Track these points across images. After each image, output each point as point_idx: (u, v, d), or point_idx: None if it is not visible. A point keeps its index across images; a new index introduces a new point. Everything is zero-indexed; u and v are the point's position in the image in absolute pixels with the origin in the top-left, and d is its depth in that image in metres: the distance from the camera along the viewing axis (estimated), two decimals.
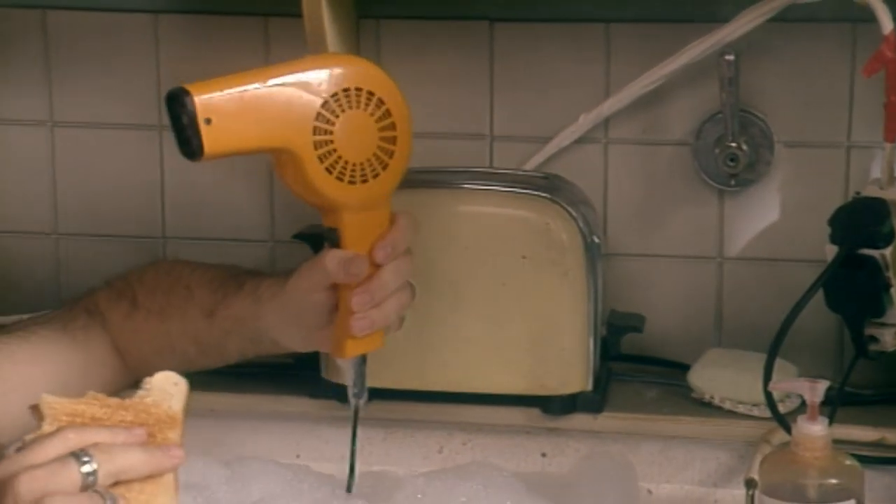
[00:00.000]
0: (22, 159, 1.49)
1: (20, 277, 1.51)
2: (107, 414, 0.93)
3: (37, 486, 0.82)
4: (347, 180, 1.08)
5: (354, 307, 1.10)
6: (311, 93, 1.06)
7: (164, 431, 0.93)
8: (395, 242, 1.11)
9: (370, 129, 1.09)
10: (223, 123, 1.03)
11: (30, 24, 1.46)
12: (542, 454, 1.26)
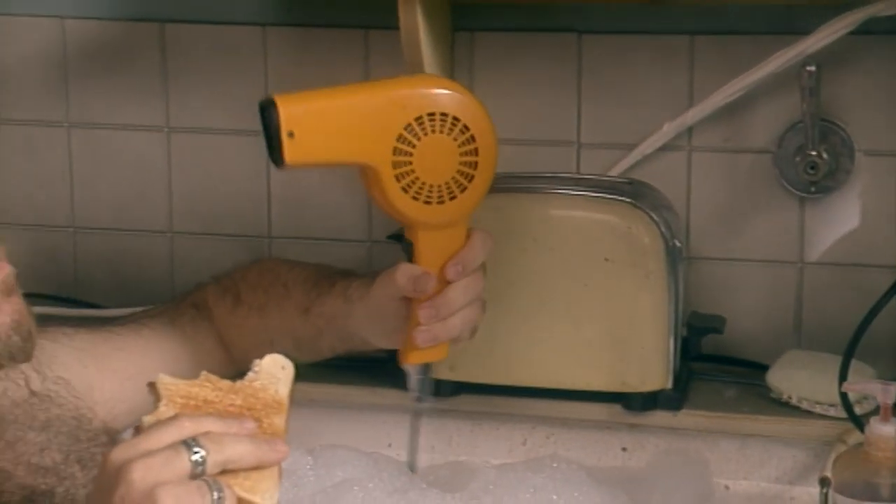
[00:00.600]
0: (140, 162, 1.51)
1: (137, 273, 1.53)
2: (218, 397, 0.92)
3: (149, 475, 0.81)
4: (423, 200, 1.07)
5: (420, 320, 1.10)
6: (395, 114, 1.06)
7: (271, 416, 0.92)
8: (466, 261, 1.10)
9: (451, 153, 1.07)
10: (305, 137, 1.03)
11: (149, 37, 1.48)
12: (622, 449, 1.27)
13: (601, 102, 1.39)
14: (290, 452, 1.11)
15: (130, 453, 0.82)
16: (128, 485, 0.80)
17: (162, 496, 0.79)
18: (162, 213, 1.52)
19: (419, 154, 1.06)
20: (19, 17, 1.51)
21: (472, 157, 1.08)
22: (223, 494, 0.82)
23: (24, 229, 1.55)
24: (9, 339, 0.97)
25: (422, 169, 1.07)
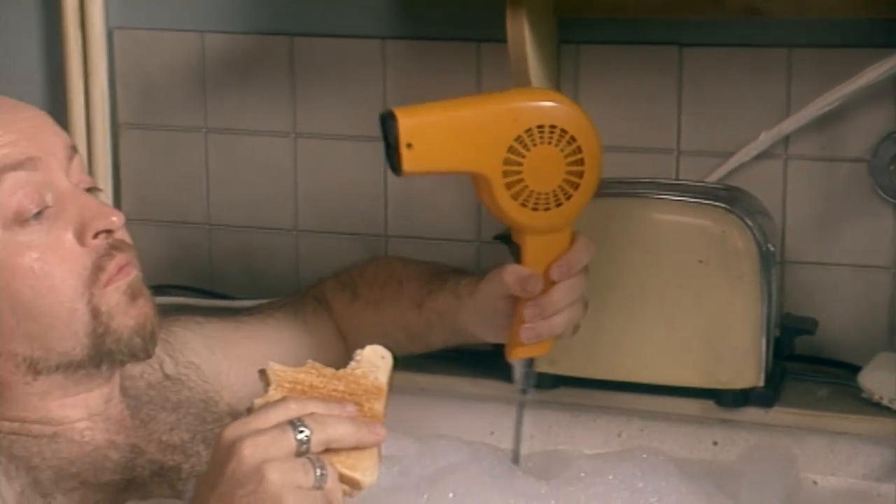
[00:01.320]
0: (269, 165, 1.54)
1: (266, 267, 1.55)
2: (322, 383, 0.93)
3: (258, 451, 0.83)
4: (531, 207, 1.08)
5: (525, 318, 1.10)
6: (507, 126, 1.06)
7: (371, 401, 0.93)
8: (570, 263, 1.10)
9: (559, 163, 1.08)
10: (422, 148, 1.05)
11: (279, 49, 1.50)
12: (713, 442, 1.26)
13: (700, 112, 1.38)
14: (397, 440, 1.13)
15: (241, 431, 0.84)
16: (238, 460, 0.82)
17: (269, 472, 0.81)
18: (288, 212, 1.54)
19: (528, 164, 1.07)
20: (164, 31, 1.55)
21: (578, 167, 1.09)
22: (326, 472, 0.84)
23: (165, 226, 1.59)
24: (130, 340, 1.00)
25: (531, 178, 1.08)
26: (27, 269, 0.97)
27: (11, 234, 0.97)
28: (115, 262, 1.00)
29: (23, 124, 1.01)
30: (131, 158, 1.60)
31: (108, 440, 1.02)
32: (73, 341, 0.99)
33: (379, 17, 1.47)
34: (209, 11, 1.53)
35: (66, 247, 0.99)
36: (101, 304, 0.99)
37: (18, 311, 0.97)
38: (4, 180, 0.97)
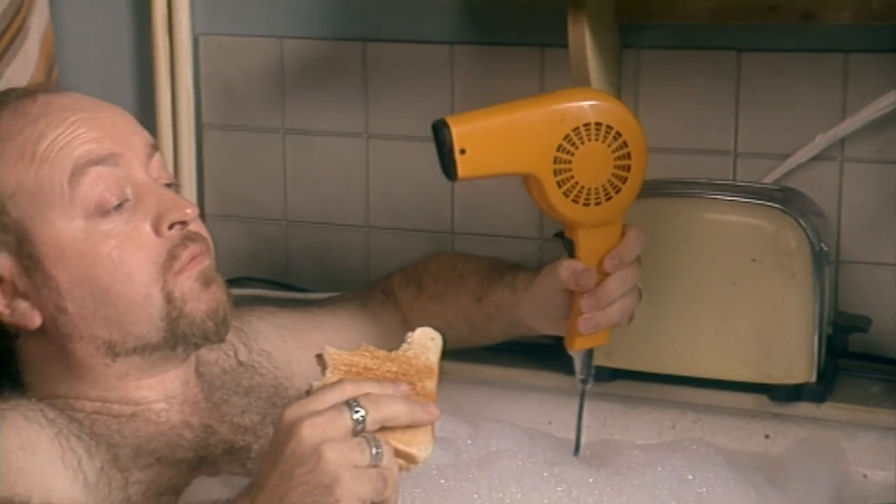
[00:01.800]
0: (342, 164, 1.55)
1: (338, 261, 1.57)
2: (376, 364, 0.94)
3: (316, 432, 0.84)
4: (582, 203, 1.08)
5: (582, 309, 1.11)
6: (555, 127, 1.07)
7: (423, 380, 0.94)
8: (622, 255, 1.11)
9: (606, 159, 1.08)
10: (475, 153, 1.05)
11: (353, 54, 1.52)
12: (765, 436, 1.25)
13: (757, 115, 1.37)
14: (454, 423, 1.15)
15: (300, 412, 0.85)
16: (297, 440, 0.83)
17: (326, 451, 0.82)
18: (360, 209, 1.55)
19: (577, 161, 1.08)
20: (245, 37, 1.57)
21: (626, 161, 1.09)
22: (381, 450, 0.85)
23: (244, 221, 1.61)
24: (203, 323, 1.03)
25: (580, 174, 1.08)
26: (106, 256, 1.00)
27: (93, 224, 1.00)
28: (188, 252, 1.02)
29: (106, 122, 1.04)
30: (214, 157, 1.62)
31: (183, 420, 1.05)
32: (149, 325, 1.01)
33: (447, 24, 1.48)
34: (287, 18, 1.54)
35: (143, 236, 1.01)
36: (174, 289, 1.01)
37: (98, 296, 1.00)
38: (87, 174, 1.00)
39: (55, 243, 1.00)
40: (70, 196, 1.00)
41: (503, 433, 1.13)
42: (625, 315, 1.14)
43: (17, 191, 1.01)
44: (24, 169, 1.01)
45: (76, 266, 1.00)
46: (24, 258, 1.01)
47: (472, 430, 1.14)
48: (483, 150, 1.06)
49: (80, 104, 1.06)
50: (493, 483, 0.95)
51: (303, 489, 0.82)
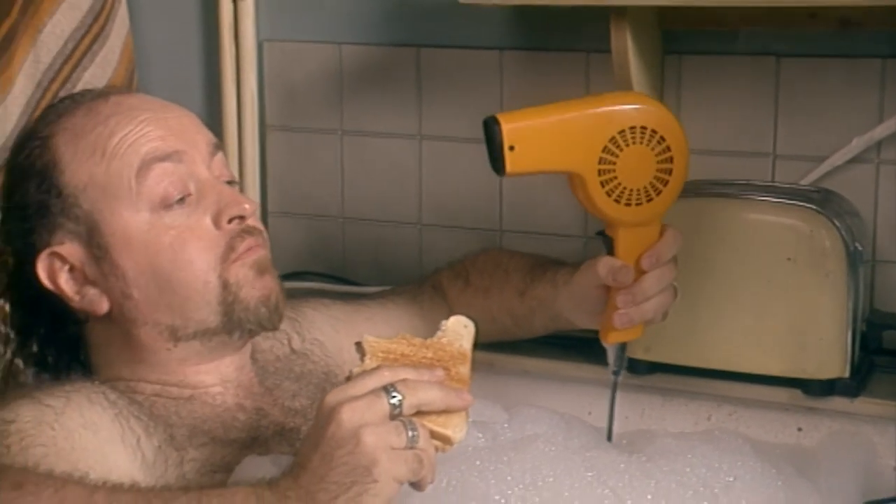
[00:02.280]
0: (396, 164, 1.56)
1: (392, 257, 1.58)
2: (412, 351, 0.95)
3: (355, 416, 0.86)
4: (624, 202, 1.08)
5: (618, 304, 1.11)
6: (601, 128, 1.07)
7: (457, 366, 0.95)
8: (660, 254, 1.11)
9: (649, 161, 1.08)
10: (524, 150, 1.06)
11: (407, 59, 1.53)
12: (798, 429, 1.25)
13: (796, 118, 1.37)
14: (490, 408, 1.16)
15: (340, 397, 0.87)
16: (337, 424, 0.85)
17: (365, 435, 0.84)
18: (413, 207, 1.56)
19: (622, 162, 1.08)
20: (306, 43, 1.59)
21: (668, 164, 1.09)
22: (417, 433, 0.86)
23: (304, 218, 1.63)
24: (257, 309, 1.05)
25: (623, 175, 1.08)
26: (168, 246, 1.03)
27: (157, 217, 1.03)
28: (245, 244, 1.05)
29: (172, 122, 1.07)
30: (276, 157, 1.64)
31: (237, 403, 1.07)
32: (208, 310, 1.04)
33: (497, 30, 1.48)
34: (346, 25, 1.56)
35: (203, 229, 1.04)
36: (230, 277, 1.04)
37: (161, 283, 1.03)
38: (153, 170, 1.03)
39: (122, 234, 1.03)
40: (136, 190, 1.03)
41: (539, 418, 1.14)
42: (659, 312, 1.14)
43: (88, 184, 1.04)
44: (95, 164, 1.04)
45: (141, 255, 1.03)
46: (93, 248, 1.04)
47: (507, 416, 1.15)
48: (531, 147, 1.07)
49: (149, 104, 1.09)
50: (525, 465, 0.96)
51: (342, 469, 0.84)
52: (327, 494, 0.85)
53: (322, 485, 0.85)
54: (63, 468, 0.88)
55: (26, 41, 1.57)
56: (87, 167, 1.04)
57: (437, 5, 1.48)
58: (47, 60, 1.59)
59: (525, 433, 1.07)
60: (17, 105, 1.59)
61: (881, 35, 1.32)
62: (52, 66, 1.59)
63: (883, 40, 1.32)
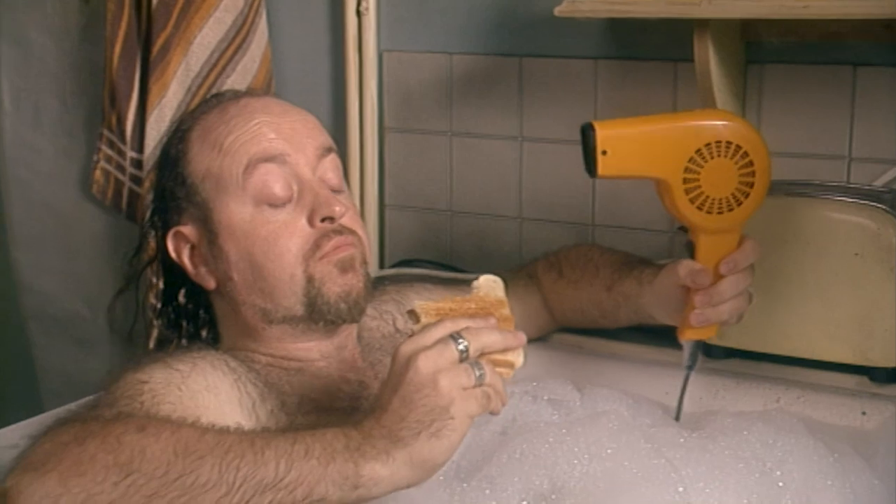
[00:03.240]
0: (499, 163, 1.59)
1: (493, 247, 1.61)
2: (458, 305, 0.97)
3: (430, 363, 0.88)
4: (706, 210, 1.08)
5: (695, 304, 1.11)
6: (689, 140, 1.07)
7: (499, 310, 0.97)
8: (737, 261, 1.10)
9: (732, 173, 1.07)
10: (615, 156, 1.06)
11: (511, 68, 1.56)
12: (862, 412, 1.23)
13: (870, 123, 1.35)
14: (566, 389, 1.18)
15: (414, 347, 0.90)
16: (415, 370, 0.88)
17: (441, 379, 0.87)
18: (514, 202, 1.58)
19: (706, 173, 1.07)
20: (421, 53, 1.63)
21: (750, 178, 1.08)
22: (483, 371, 0.89)
23: (417, 211, 1.67)
24: (337, 304, 1.07)
25: (707, 185, 1.08)
26: (263, 239, 1.06)
27: (259, 211, 1.06)
28: (332, 243, 1.07)
29: (285, 126, 1.10)
30: (393, 156, 1.68)
31: (341, 376, 1.10)
32: (294, 300, 1.07)
33: (591, 41, 1.50)
34: (456, 37, 1.59)
35: (297, 226, 1.07)
36: (315, 272, 1.06)
37: (255, 270, 1.06)
38: (258, 169, 1.06)
39: (228, 223, 1.07)
40: (242, 185, 1.06)
41: (610, 397, 1.15)
42: (734, 314, 1.13)
43: (206, 176, 1.08)
44: (213, 159, 1.08)
45: (241, 243, 1.06)
46: (207, 232, 1.08)
47: (579, 395, 1.16)
48: (622, 153, 1.07)
49: (269, 108, 1.11)
50: (590, 438, 0.97)
51: (422, 410, 0.87)
52: (410, 431, 0.87)
53: (404, 423, 0.88)
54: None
55: (179, 52, 1.66)
56: (206, 160, 1.08)
57: (537, 18, 1.50)
58: (196, 68, 1.67)
59: (596, 410, 1.08)
60: (170, 108, 1.68)
61: None
62: (199, 73, 1.67)
63: None
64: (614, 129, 1.08)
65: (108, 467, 0.83)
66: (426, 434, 0.87)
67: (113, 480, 0.83)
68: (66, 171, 1.83)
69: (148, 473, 0.84)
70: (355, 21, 1.65)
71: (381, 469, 0.87)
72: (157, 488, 0.83)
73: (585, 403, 1.13)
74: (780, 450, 1.03)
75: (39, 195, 1.86)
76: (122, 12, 1.67)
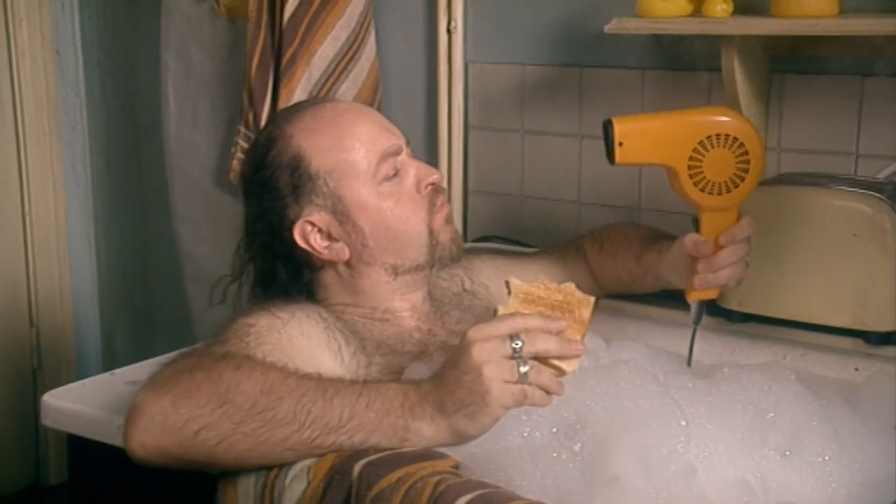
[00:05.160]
0: (563, 156, 1.60)
1: (555, 227, 1.62)
2: (547, 294, 0.96)
3: (482, 354, 0.90)
4: (707, 192, 1.12)
5: (699, 270, 1.14)
6: (692, 134, 1.11)
7: (581, 309, 0.96)
8: (734, 234, 1.13)
9: (730, 161, 1.11)
10: (630, 147, 1.11)
11: (572, 75, 1.57)
12: (855, 368, 1.24)
13: (876, 124, 1.36)
14: (597, 341, 1.21)
15: (477, 336, 0.92)
16: (468, 356, 0.91)
17: (485, 369, 0.90)
18: (573, 189, 1.60)
19: (707, 160, 1.11)
20: (499, 64, 1.65)
21: (745, 165, 1.12)
22: (528, 371, 0.90)
23: (495, 196, 1.68)
24: (450, 248, 1.15)
25: (708, 171, 1.11)
26: (391, 209, 1.12)
27: (381, 188, 1.13)
28: (440, 201, 1.15)
29: (382, 122, 1.17)
30: (475, 149, 1.70)
31: (416, 325, 1.16)
32: (420, 251, 1.14)
33: (640, 53, 1.52)
34: (528, 51, 1.62)
35: (409, 194, 1.14)
36: (434, 225, 1.14)
37: (389, 234, 1.12)
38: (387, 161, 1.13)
39: (359, 203, 1.12)
40: (374, 173, 1.12)
41: (633, 348, 1.17)
42: (731, 279, 1.15)
43: (333, 169, 1.12)
44: (337, 154, 1.12)
45: (374, 216, 1.12)
46: (337, 214, 1.12)
47: (605, 344, 1.19)
48: (636, 144, 1.11)
49: (355, 109, 1.17)
50: (610, 381, 1.01)
51: (465, 390, 0.91)
52: (453, 405, 0.91)
53: (450, 396, 0.91)
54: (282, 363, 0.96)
55: (303, 63, 1.71)
56: (331, 156, 1.11)
57: (594, 35, 1.51)
58: (316, 76, 1.72)
59: (618, 358, 1.11)
60: None
61: None
62: (319, 80, 1.73)
63: None
64: (630, 123, 1.11)
65: (209, 396, 0.90)
66: (464, 412, 0.90)
67: (211, 407, 0.89)
68: (215, 161, 1.91)
69: (238, 405, 0.89)
70: (446, 38, 1.68)
71: (426, 429, 0.91)
72: (243, 418, 0.89)
73: (611, 353, 1.16)
74: (773, 395, 1.05)
75: (195, 180, 1.93)
76: (259, 32, 1.74)
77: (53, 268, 2.18)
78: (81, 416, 1.12)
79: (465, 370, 0.91)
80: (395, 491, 0.86)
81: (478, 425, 0.91)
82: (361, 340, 1.10)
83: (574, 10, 1.55)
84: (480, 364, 0.90)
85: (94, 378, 1.22)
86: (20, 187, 2.12)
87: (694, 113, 1.15)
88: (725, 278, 1.15)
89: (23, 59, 2.08)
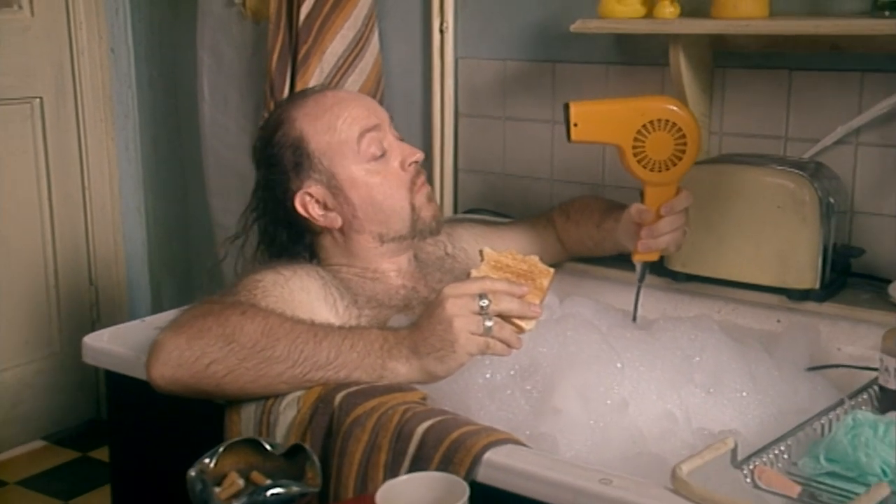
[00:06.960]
0: (538, 140, 1.59)
1: (532, 201, 1.60)
2: (514, 263, 1.00)
3: (454, 308, 0.93)
4: (649, 169, 1.14)
5: (641, 235, 1.16)
6: (636, 117, 1.12)
7: (541, 278, 0.99)
8: (673, 206, 1.15)
9: (669, 142, 1.13)
10: (584, 127, 1.13)
11: (546, 70, 1.55)
12: (777, 320, 1.27)
13: (802, 112, 1.37)
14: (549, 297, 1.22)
15: (452, 292, 0.95)
16: (442, 309, 0.94)
17: (455, 321, 0.94)
18: (546, 168, 1.58)
19: (650, 141, 1.13)
20: (485, 59, 1.64)
21: (683, 146, 1.14)
22: (492, 325, 0.93)
23: (480, 174, 1.67)
24: (430, 223, 1.17)
25: (650, 150, 1.14)
26: (378, 184, 1.14)
27: (369, 166, 1.14)
28: (421, 179, 1.15)
29: (369, 105, 1.18)
30: (464, 134, 1.69)
31: (401, 283, 1.18)
32: (403, 224, 1.15)
33: (604, 51, 1.51)
34: (508, 49, 1.61)
35: (395, 172, 1.14)
36: (416, 202, 1.15)
37: (375, 207, 1.14)
38: (366, 137, 1.13)
39: (350, 178, 1.13)
40: (358, 150, 1.13)
41: (584, 304, 1.19)
42: (670, 245, 1.16)
43: (327, 149, 1.14)
44: (331, 136, 1.14)
45: (363, 190, 1.13)
46: (332, 188, 1.13)
47: (558, 301, 1.20)
48: (589, 125, 1.13)
49: (351, 97, 1.18)
50: (559, 331, 1.04)
51: (437, 337, 0.94)
52: (425, 349, 0.94)
53: (424, 342, 0.94)
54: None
55: (316, 59, 1.72)
56: (325, 138, 1.13)
57: (565, 34, 1.47)
58: (327, 70, 1.73)
59: (568, 312, 1.14)
60: None
61: (861, 55, 1.31)
62: (329, 73, 1.73)
63: (862, 59, 1.31)
64: (584, 107, 1.14)
65: (217, 336, 0.93)
66: (434, 356, 0.93)
67: (220, 345, 0.93)
68: (242, 142, 1.90)
69: (242, 344, 0.92)
70: (439, 37, 1.68)
71: (401, 368, 0.93)
72: (246, 355, 0.92)
73: (563, 308, 1.18)
74: (699, 342, 1.08)
75: (225, 159, 1.95)
76: (278, 32, 1.74)
77: (109, 234, 2.24)
78: (115, 355, 1.16)
79: (439, 320, 0.94)
80: (369, 417, 0.90)
81: (445, 367, 0.94)
82: (354, 295, 1.12)
83: (548, 12, 1.55)
84: (452, 316, 0.93)
85: (128, 324, 1.25)
86: (80, 166, 2.18)
87: (640, 100, 1.16)
88: (665, 243, 1.17)
89: (82, 57, 2.14)
